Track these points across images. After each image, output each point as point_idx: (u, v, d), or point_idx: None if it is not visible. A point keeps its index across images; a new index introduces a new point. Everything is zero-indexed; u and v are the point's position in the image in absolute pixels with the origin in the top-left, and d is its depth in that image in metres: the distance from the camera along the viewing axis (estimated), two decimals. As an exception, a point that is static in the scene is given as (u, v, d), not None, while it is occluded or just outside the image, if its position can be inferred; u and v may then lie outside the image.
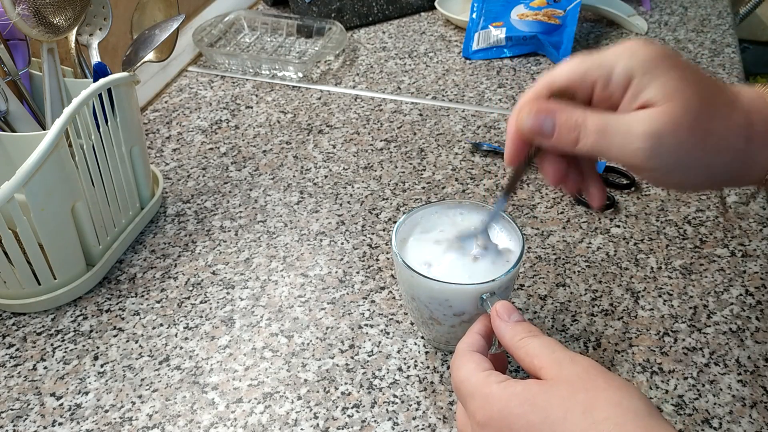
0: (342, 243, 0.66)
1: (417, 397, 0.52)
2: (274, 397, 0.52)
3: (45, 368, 0.54)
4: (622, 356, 0.55)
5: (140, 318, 0.58)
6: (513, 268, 0.47)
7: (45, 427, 0.50)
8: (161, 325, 0.58)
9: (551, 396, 0.35)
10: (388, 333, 0.57)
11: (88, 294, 0.61)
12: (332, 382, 0.53)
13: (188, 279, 0.62)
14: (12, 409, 0.51)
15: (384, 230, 0.68)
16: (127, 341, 0.56)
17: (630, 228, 0.68)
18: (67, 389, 0.53)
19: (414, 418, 0.50)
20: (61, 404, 0.51)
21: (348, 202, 0.71)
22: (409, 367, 0.54)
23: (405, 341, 0.56)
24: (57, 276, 0.58)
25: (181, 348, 0.56)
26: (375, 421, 0.50)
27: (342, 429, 0.49)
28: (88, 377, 0.53)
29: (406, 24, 1.08)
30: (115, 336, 0.57)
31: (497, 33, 0.97)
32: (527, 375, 0.39)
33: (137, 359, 0.55)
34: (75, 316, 0.59)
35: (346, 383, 0.53)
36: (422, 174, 0.75)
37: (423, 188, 0.73)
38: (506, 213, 0.54)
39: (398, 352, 0.55)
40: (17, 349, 0.56)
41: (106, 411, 0.51)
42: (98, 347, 0.56)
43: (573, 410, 0.34)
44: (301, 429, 0.50)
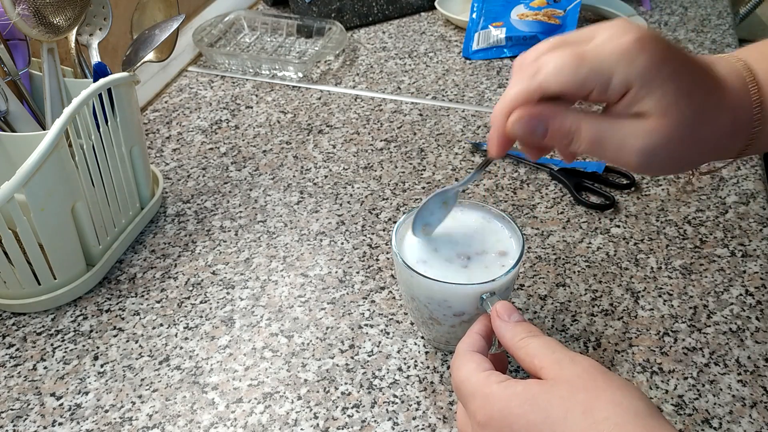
0: (342, 243, 0.66)
1: (417, 397, 0.52)
2: (274, 397, 0.52)
3: (45, 368, 0.54)
4: (622, 356, 0.55)
5: (140, 318, 0.58)
6: (513, 268, 0.47)
7: (45, 427, 0.50)
8: (161, 325, 0.58)
9: (552, 396, 0.35)
10: (388, 333, 0.57)
11: (88, 294, 0.61)
12: (332, 382, 0.53)
13: (188, 279, 0.62)
14: (12, 409, 0.51)
15: (384, 230, 0.68)
16: (127, 341, 0.56)
17: (630, 228, 0.68)
18: (67, 389, 0.53)
19: (414, 418, 0.50)
20: (61, 404, 0.51)
21: (348, 202, 0.71)
22: (409, 367, 0.54)
23: (405, 341, 0.56)
24: (57, 276, 0.58)
25: (181, 348, 0.56)
26: (375, 421, 0.50)
27: (342, 429, 0.49)
28: (88, 377, 0.53)
29: (406, 24, 1.08)
30: (115, 336, 0.57)
31: (497, 33, 0.97)
32: (527, 375, 0.39)
33: (137, 359, 0.55)
34: (75, 316, 0.59)
35: (346, 383, 0.53)
36: (422, 174, 0.75)
37: (423, 188, 0.73)
38: (506, 213, 0.54)
39: (398, 352, 0.55)
40: (17, 349, 0.56)
41: (106, 411, 0.51)
42: (98, 347, 0.56)
43: (573, 410, 0.34)
44: (301, 429, 0.50)
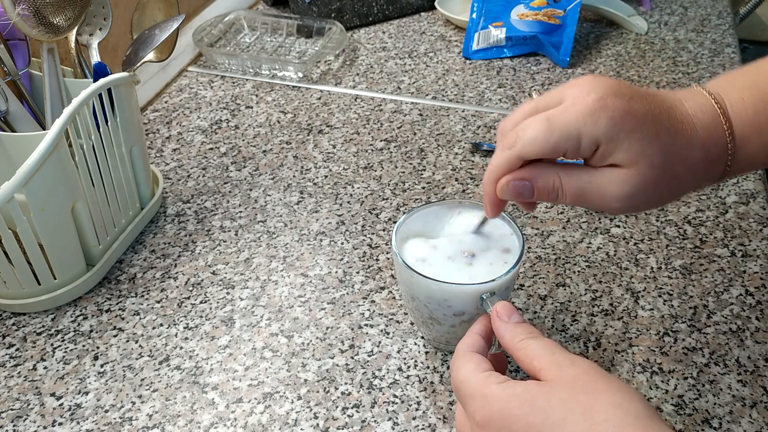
0: (342, 243, 0.66)
1: (417, 397, 0.52)
2: (274, 397, 0.52)
3: (45, 368, 0.54)
4: (622, 356, 0.55)
5: (140, 318, 0.58)
6: (513, 268, 0.47)
7: (45, 427, 0.50)
8: (161, 325, 0.58)
9: (551, 397, 0.35)
10: (388, 333, 0.57)
11: (88, 294, 0.61)
12: (332, 382, 0.53)
13: (188, 279, 0.62)
14: (12, 409, 0.51)
15: (384, 230, 0.68)
16: (127, 341, 0.56)
17: (630, 228, 0.68)
18: (67, 389, 0.53)
19: (414, 418, 0.50)
20: (61, 404, 0.51)
21: (348, 202, 0.71)
22: (409, 367, 0.54)
23: (405, 341, 0.56)
24: (57, 276, 0.58)
25: (181, 348, 0.56)
26: (375, 421, 0.50)
27: (342, 429, 0.49)
28: (88, 377, 0.53)
29: (406, 24, 1.08)
30: (115, 336, 0.57)
31: (497, 33, 0.97)
32: (527, 376, 0.39)
33: (137, 359, 0.55)
34: (75, 316, 0.59)
35: (346, 383, 0.53)
36: (422, 174, 0.75)
37: (423, 188, 0.73)
38: (506, 212, 0.54)
39: (398, 352, 0.55)
40: (17, 349, 0.56)
41: (106, 411, 0.51)
42: (98, 347, 0.56)
43: (573, 411, 0.34)
44: (301, 429, 0.50)
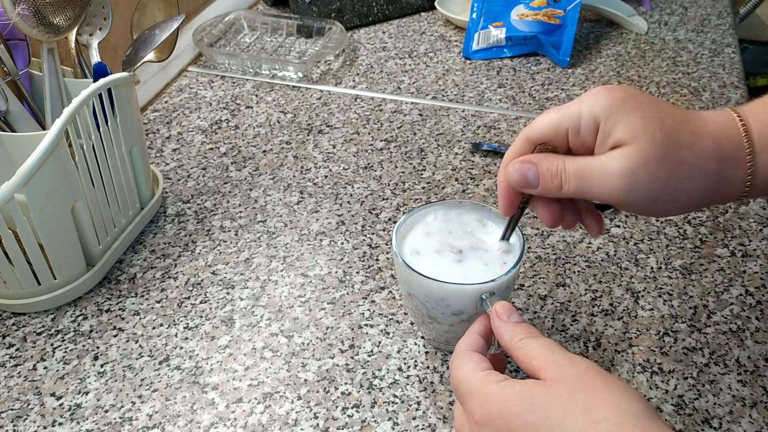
0: (342, 243, 0.66)
1: (417, 397, 0.52)
2: (274, 397, 0.52)
3: (45, 368, 0.54)
4: (622, 356, 0.55)
5: (140, 318, 0.58)
6: (513, 268, 0.47)
7: (45, 427, 0.50)
8: (161, 325, 0.58)
9: (550, 396, 0.35)
10: (388, 333, 0.57)
11: (88, 294, 0.61)
12: (332, 382, 0.53)
13: (188, 279, 0.62)
14: (12, 409, 0.51)
15: (384, 230, 0.68)
16: (127, 341, 0.56)
17: (630, 228, 0.67)
18: (67, 389, 0.53)
19: (414, 418, 0.50)
20: (61, 404, 0.51)
21: (348, 202, 0.71)
22: (409, 367, 0.54)
23: (405, 341, 0.56)
24: (57, 276, 0.58)
25: (181, 348, 0.56)
26: (375, 421, 0.50)
27: (342, 429, 0.49)
28: (88, 377, 0.53)
29: (406, 24, 1.08)
30: (115, 336, 0.57)
31: (497, 33, 0.97)
32: (527, 375, 0.39)
33: (137, 359, 0.55)
34: (75, 316, 0.59)
35: (346, 383, 0.53)
36: (422, 174, 0.75)
37: (423, 188, 0.73)
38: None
39: (398, 352, 0.55)
40: (17, 349, 0.56)
41: (106, 411, 0.51)
42: (98, 347, 0.56)
43: (572, 410, 0.34)
44: (301, 429, 0.50)
